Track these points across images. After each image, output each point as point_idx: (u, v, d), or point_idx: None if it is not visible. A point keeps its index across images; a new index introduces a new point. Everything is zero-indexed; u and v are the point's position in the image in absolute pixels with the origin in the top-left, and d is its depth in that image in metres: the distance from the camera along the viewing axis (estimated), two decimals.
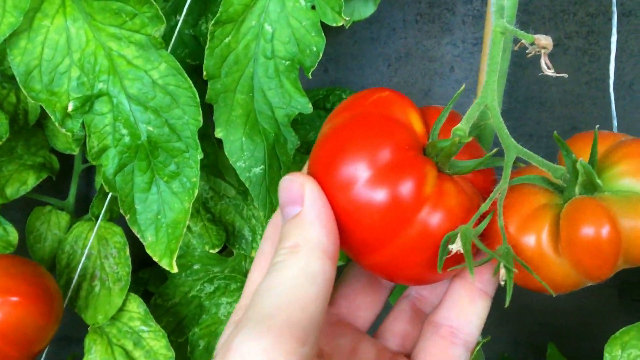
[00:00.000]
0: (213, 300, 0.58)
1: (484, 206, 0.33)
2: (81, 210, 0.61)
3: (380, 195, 0.32)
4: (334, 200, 0.34)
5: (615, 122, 0.46)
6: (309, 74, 0.45)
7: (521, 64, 0.59)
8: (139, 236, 0.43)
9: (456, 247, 0.32)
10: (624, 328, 0.41)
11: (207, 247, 0.55)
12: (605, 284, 0.39)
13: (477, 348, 0.38)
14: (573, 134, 0.64)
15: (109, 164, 0.42)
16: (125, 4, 0.39)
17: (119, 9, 0.39)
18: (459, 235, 0.32)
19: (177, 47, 0.49)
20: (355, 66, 0.61)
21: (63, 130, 0.41)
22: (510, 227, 0.33)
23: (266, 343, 0.28)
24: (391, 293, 0.42)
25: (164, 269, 0.43)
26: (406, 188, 0.32)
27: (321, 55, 0.44)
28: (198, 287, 0.58)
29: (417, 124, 0.35)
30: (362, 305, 0.40)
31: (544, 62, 0.34)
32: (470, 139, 0.34)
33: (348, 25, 0.48)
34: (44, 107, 0.41)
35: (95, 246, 0.55)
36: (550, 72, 0.34)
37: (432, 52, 0.59)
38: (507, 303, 0.33)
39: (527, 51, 0.34)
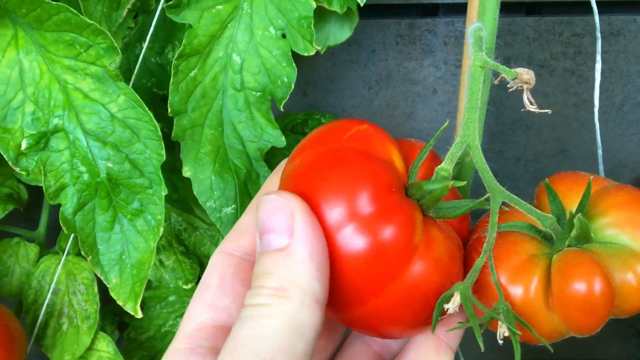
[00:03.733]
0: None
1: (480, 260, 0.31)
2: (53, 240, 0.59)
3: (366, 243, 0.29)
4: None
5: (600, 152, 0.44)
6: (281, 106, 0.43)
7: (506, 86, 0.57)
8: (102, 278, 0.41)
9: (452, 307, 0.30)
10: None
11: (180, 283, 0.53)
12: None
13: None
14: (562, 156, 0.63)
15: (67, 202, 0.40)
16: (79, 35, 0.37)
17: (73, 40, 0.37)
18: (456, 295, 0.30)
19: (143, 77, 0.47)
20: (335, 89, 0.59)
21: (17, 170, 0.39)
22: (501, 279, 0.32)
23: None
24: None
25: None
26: (395, 236, 0.29)
27: (292, 86, 0.42)
28: (171, 322, 0.56)
29: (398, 162, 0.32)
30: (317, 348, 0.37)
31: (526, 98, 0.32)
32: (452, 182, 0.31)
33: (323, 51, 0.46)
34: None
35: (62, 282, 0.53)
36: (533, 109, 0.33)
37: (413, 75, 0.57)
38: None
39: (508, 85, 0.32)
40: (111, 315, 0.63)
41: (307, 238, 0.27)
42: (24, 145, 0.39)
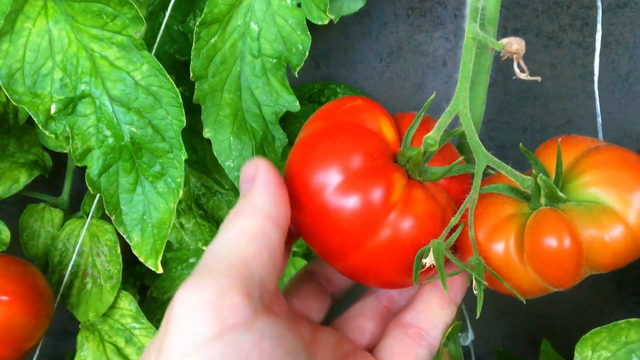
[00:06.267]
0: None
1: (454, 219, 0.34)
2: (76, 207, 0.62)
3: (348, 201, 0.33)
4: (307, 206, 0.34)
5: (599, 120, 0.46)
6: (296, 72, 0.45)
7: (499, 56, 0.58)
8: (125, 237, 0.43)
9: (429, 261, 0.33)
10: (595, 329, 0.41)
11: (199, 244, 0.56)
12: (603, 277, 0.39)
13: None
14: (568, 127, 0.64)
15: (93, 165, 0.42)
16: (106, 6, 0.39)
17: (100, 11, 0.39)
18: (431, 250, 0.33)
19: (165, 43, 0.49)
20: (347, 61, 0.60)
21: (47, 133, 0.41)
22: (480, 236, 0.34)
23: (210, 294, 0.27)
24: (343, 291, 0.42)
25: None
26: (373, 194, 0.33)
27: (307, 53, 0.44)
28: None
29: (388, 132, 0.36)
30: (314, 302, 0.40)
31: (516, 66, 0.34)
32: (437, 148, 0.34)
33: (337, 21, 0.48)
34: (27, 109, 0.41)
35: (86, 244, 0.55)
36: (524, 76, 0.34)
37: (424, 47, 0.59)
38: (478, 314, 0.33)
39: (500, 55, 0.34)
40: (132, 279, 0.66)
41: (264, 177, 0.33)
42: (53, 110, 0.41)
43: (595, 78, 0.43)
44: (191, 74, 0.42)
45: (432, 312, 0.38)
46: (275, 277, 0.32)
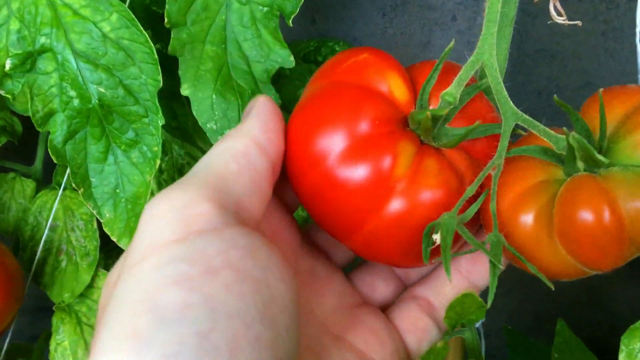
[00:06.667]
0: None
1: (471, 189, 0.29)
2: (51, 177, 0.57)
3: (347, 174, 0.29)
4: (306, 176, 0.30)
5: None
6: (290, 21, 0.39)
7: (530, 11, 0.53)
8: (94, 212, 0.39)
9: (439, 237, 0.29)
10: None
11: None
12: None
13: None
14: (587, 90, 0.59)
15: (57, 130, 0.37)
16: None
17: None
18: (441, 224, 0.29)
19: None
20: (346, 16, 0.55)
21: (2, 93, 0.35)
22: (503, 208, 0.29)
23: (178, 202, 0.27)
24: None
25: None
26: (374, 168, 0.29)
27: None
28: None
29: (398, 91, 0.31)
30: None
31: (552, 6, 0.29)
32: (458, 105, 0.30)
33: None
34: None
35: (60, 217, 0.50)
36: (561, 20, 0.30)
37: (430, 0, 0.53)
38: (489, 304, 0.29)
39: None
40: (116, 254, 0.61)
41: (260, 108, 0.32)
42: (8, 66, 0.35)
43: (638, 30, 0.38)
44: (166, 19, 0.37)
45: (447, 294, 0.35)
46: (258, 202, 0.29)
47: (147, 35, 0.35)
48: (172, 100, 0.43)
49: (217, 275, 0.25)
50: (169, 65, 0.40)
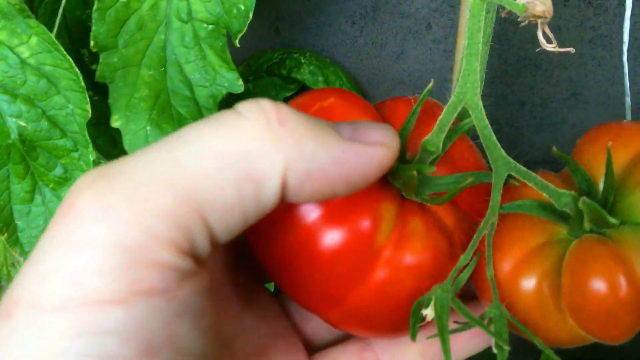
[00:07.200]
0: None
1: (465, 256, 0.25)
2: None
3: (325, 245, 0.25)
4: (278, 244, 0.26)
5: (628, 100, 0.36)
6: (237, 41, 0.36)
7: (512, 19, 0.49)
8: (21, 260, 0.34)
9: (431, 313, 0.25)
10: None
11: None
12: None
13: None
14: (573, 100, 0.55)
15: None
16: None
17: None
18: (433, 300, 0.25)
19: (77, 8, 0.39)
20: (313, 25, 0.51)
21: None
22: (501, 275, 0.25)
23: (126, 232, 0.19)
24: None
25: None
26: (353, 235, 0.25)
27: (251, 15, 0.36)
28: None
29: None
30: None
31: (541, 35, 0.25)
32: (440, 153, 0.26)
33: None
34: None
35: (0, 252, 0.46)
36: (550, 47, 0.26)
37: (404, 6, 0.50)
38: None
39: (519, 19, 0.25)
40: None
41: None
42: None
43: (625, 46, 0.34)
44: (92, 43, 0.33)
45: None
46: (228, 234, 0.22)
47: (71, 60, 0.31)
48: (110, 125, 0.39)
49: (155, 357, 0.19)
50: (106, 87, 0.36)
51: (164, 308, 0.19)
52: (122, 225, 0.19)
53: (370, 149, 0.23)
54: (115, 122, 0.34)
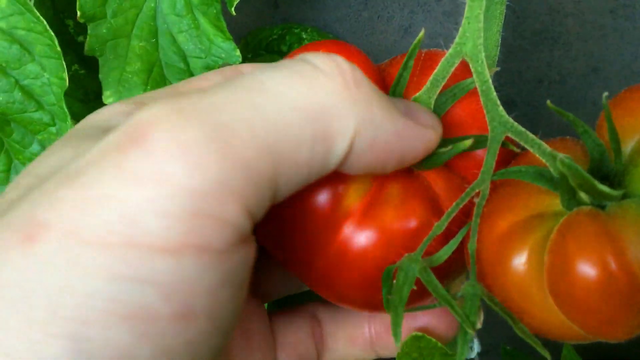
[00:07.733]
0: None
1: (439, 225, 0.24)
2: None
3: (287, 212, 0.25)
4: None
5: None
6: (232, 9, 0.34)
7: None
8: None
9: (395, 286, 0.24)
10: None
11: None
12: None
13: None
14: (593, 76, 0.53)
15: None
16: None
17: None
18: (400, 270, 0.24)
19: None
20: None
21: None
22: (485, 248, 0.23)
23: (188, 181, 0.18)
24: None
25: None
26: (320, 200, 0.24)
27: None
28: None
29: None
30: None
31: None
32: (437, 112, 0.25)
33: None
34: None
35: None
36: None
37: None
38: None
39: None
40: None
41: None
42: None
43: None
44: (79, 13, 0.31)
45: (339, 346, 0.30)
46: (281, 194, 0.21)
47: (45, 23, 0.29)
48: (98, 101, 0.37)
49: (192, 323, 0.17)
50: (94, 61, 0.34)
51: (214, 271, 0.18)
52: (197, 167, 0.17)
53: (424, 130, 0.23)
54: (108, 99, 0.32)
